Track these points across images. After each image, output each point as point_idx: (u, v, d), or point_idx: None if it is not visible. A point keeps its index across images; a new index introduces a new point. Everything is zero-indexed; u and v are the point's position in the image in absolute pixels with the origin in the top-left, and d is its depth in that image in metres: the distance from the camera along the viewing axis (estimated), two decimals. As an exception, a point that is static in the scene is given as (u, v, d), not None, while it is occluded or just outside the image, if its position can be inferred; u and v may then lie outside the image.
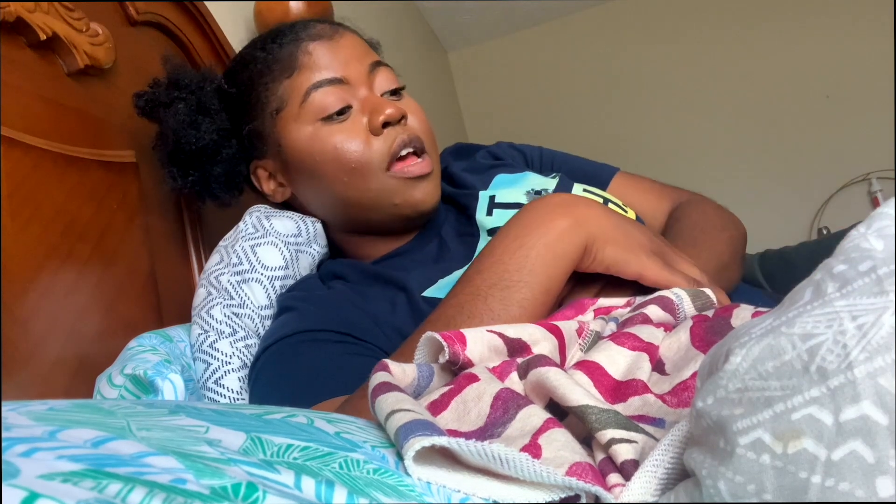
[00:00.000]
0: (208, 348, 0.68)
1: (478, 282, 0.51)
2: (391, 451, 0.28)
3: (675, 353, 0.39)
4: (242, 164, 0.83)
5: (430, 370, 0.38)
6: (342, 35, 0.78)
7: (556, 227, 0.51)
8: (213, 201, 0.85)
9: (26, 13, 0.68)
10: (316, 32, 0.78)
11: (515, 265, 0.50)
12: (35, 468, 0.17)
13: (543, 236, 0.51)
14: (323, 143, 0.74)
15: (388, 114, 0.73)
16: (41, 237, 0.64)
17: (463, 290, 0.51)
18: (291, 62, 0.76)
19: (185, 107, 0.79)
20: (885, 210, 0.23)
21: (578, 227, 0.52)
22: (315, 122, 0.75)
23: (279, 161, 0.79)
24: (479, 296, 0.50)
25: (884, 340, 0.19)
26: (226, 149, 0.81)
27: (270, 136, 0.78)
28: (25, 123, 0.66)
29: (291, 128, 0.76)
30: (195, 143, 0.78)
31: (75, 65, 0.74)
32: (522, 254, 0.51)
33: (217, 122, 0.80)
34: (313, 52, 0.76)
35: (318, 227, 0.80)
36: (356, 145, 0.73)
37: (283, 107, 0.76)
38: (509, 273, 0.50)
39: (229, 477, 0.20)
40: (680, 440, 0.26)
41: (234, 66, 0.83)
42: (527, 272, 0.50)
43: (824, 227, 2.43)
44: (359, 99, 0.76)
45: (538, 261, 0.51)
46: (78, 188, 0.71)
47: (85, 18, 0.76)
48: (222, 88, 0.82)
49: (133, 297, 0.75)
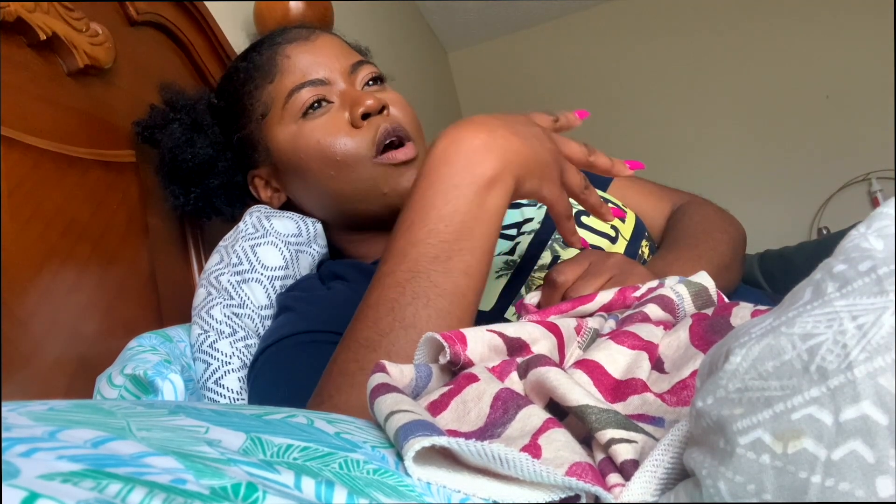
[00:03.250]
0: (208, 348, 0.68)
1: (414, 255, 0.47)
2: (391, 452, 0.28)
3: (674, 351, 0.39)
4: (239, 174, 0.84)
5: (428, 370, 0.38)
6: (318, 36, 0.80)
7: (483, 175, 0.48)
8: (216, 216, 0.87)
9: (26, 13, 0.68)
10: (293, 36, 0.79)
11: (452, 233, 0.47)
12: (35, 468, 0.17)
13: (475, 191, 0.48)
14: (306, 139, 0.75)
15: (368, 105, 0.74)
16: (41, 237, 0.64)
17: (399, 265, 0.47)
18: (272, 67, 0.77)
19: (179, 126, 0.81)
20: (885, 210, 0.23)
21: (506, 170, 0.49)
22: (297, 121, 0.76)
23: (270, 166, 0.81)
24: (421, 273, 0.47)
25: (884, 340, 0.19)
26: (221, 161, 0.82)
27: (260, 143, 0.80)
28: (25, 123, 0.66)
29: (277, 130, 0.77)
30: (192, 159, 0.80)
31: (75, 65, 0.74)
32: (458, 219, 0.47)
33: (211, 136, 0.82)
34: (292, 56, 0.77)
35: (319, 227, 0.81)
36: (339, 138, 0.74)
37: (267, 111, 0.78)
38: (448, 243, 0.47)
39: (229, 477, 0.20)
40: (680, 440, 0.26)
41: (222, 79, 0.85)
42: (466, 238, 0.47)
43: (824, 227, 2.43)
44: (338, 94, 0.76)
45: (475, 222, 0.48)
46: (78, 188, 0.71)
47: (85, 18, 0.76)
48: (213, 103, 0.84)
49: (133, 297, 0.75)
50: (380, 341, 0.45)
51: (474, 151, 0.49)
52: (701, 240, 0.72)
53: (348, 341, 0.48)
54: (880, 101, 2.37)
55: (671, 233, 0.78)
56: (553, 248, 0.72)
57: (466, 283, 0.47)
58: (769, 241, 1.35)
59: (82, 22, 0.76)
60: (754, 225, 0.97)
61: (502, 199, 0.49)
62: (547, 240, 0.73)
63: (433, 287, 0.46)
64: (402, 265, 0.47)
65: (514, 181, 0.50)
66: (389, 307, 0.46)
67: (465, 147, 0.49)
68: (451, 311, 0.46)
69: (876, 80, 2.42)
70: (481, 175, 0.48)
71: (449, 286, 0.47)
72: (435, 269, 0.47)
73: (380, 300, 0.47)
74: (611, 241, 0.73)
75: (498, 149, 0.49)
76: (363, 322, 0.47)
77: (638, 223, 0.77)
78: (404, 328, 0.45)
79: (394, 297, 0.47)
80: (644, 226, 0.78)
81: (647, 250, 0.75)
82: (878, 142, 2.36)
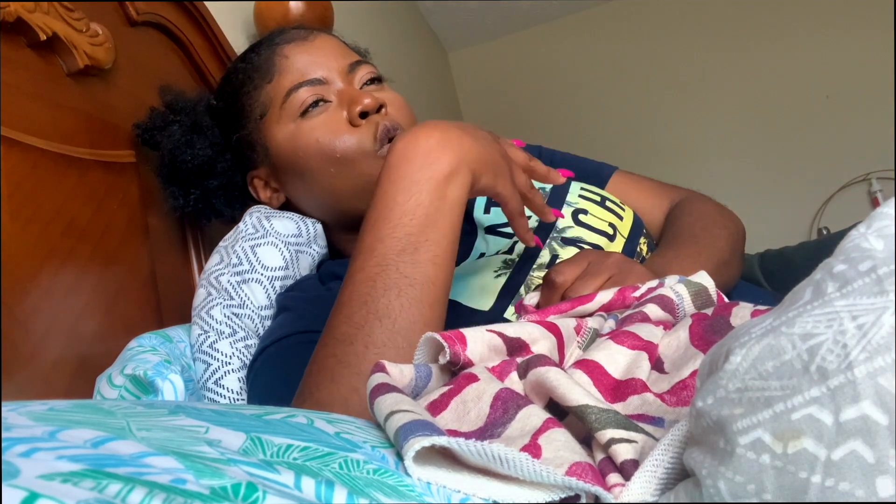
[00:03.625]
0: (208, 349, 0.68)
1: (382, 250, 0.49)
2: (391, 452, 0.28)
3: (674, 351, 0.39)
4: (238, 175, 0.84)
5: (427, 370, 0.38)
6: (317, 36, 0.80)
7: (441, 170, 0.51)
8: (216, 218, 0.87)
9: (26, 13, 0.68)
10: (291, 37, 0.80)
11: (417, 225, 0.49)
12: (35, 468, 0.17)
13: (435, 185, 0.50)
14: (305, 138, 0.75)
15: (366, 103, 0.74)
16: (41, 237, 0.64)
17: (368, 260, 0.49)
18: (270, 68, 0.77)
19: (179, 128, 0.81)
20: (885, 210, 0.23)
21: (461, 164, 0.52)
22: (296, 120, 0.76)
23: (269, 166, 0.81)
24: (390, 265, 0.48)
25: (884, 340, 0.19)
26: (221, 162, 0.82)
27: (259, 143, 0.80)
28: (25, 123, 0.66)
29: (275, 130, 0.77)
30: (191, 160, 0.80)
31: (75, 65, 0.74)
32: (421, 212, 0.50)
33: (210, 137, 0.82)
34: (290, 56, 0.77)
35: (319, 227, 0.81)
36: (339, 136, 0.74)
37: (265, 112, 0.78)
38: (414, 235, 0.49)
39: (229, 477, 0.20)
40: (680, 440, 0.26)
41: (222, 81, 0.85)
42: (430, 229, 0.50)
43: (824, 227, 2.43)
44: (336, 93, 0.77)
45: (438, 214, 0.50)
46: (78, 188, 0.71)
47: (85, 18, 0.76)
48: (212, 105, 0.84)
49: (133, 297, 0.75)
50: (356, 334, 0.47)
51: (431, 149, 0.51)
52: (700, 236, 0.72)
53: (326, 339, 0.49)
54: (880, 101, 2.37)
55: (670, 229, 0.78)
56: (551, 247, 0.72)
57: (435, 271, 0.49)
58: (769, 241, 1.35)
59: (82, 22, 0.76)
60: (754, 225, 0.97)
61: (461, 190, 0.52)
62: (545, 238, 0.73)
63: (403, 278, 0.48)
64: (370, 260, 0.49)
65: (471, 175, 0.52)
66: (362, 301, 0.48)
67: (422, 145, 0.52)
68: (422, 299, 0.48)
69: (876, 80, 2.42)
70: (439, 170, 0.51)
71: (418, 276, 0.48)
72: (403, 261, 0.48)
73: (352, 296, 0.49)
74: (609, 239, 0.73)
75: (453, 146, 0.52)
76: (338, 318, 0.49)
77: (636, 220, 0.77)
78: (378, 319, 0.47)
79: (366, 291, 0.48)
80: (642, 223, 0.78)
81: (645, 247, 0.76)
82: (878, 142, 2.36)
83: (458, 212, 0.52)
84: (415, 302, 0.47)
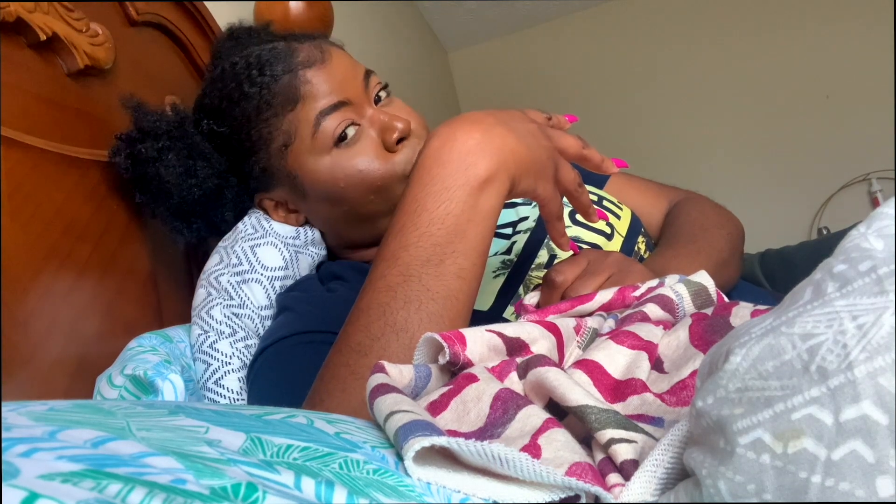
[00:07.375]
0: (208, 349, 0.68)
1: (406, 259, 0.46)
2: (391, 452, 0.28)
3: (673, 351, 0.39)
4: (246, 198, 0.81)
5: (427, 371, 0.38)
6: (332, 55, 0.76)
7: (478, 176, 0.47)
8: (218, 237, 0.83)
9: (26, 13, 0.68)
10: (307, 59, 0.75)
11: (445, 235, 0.46)
12: (35, 468, 0.17)
13: (468, 192, 0.47)
14: (345, 168, 0.73)
15: (401, 129, 0.73)
16: (41, 237, 0.64)
17: (391, 269, 0.47)
18: (293, 94, 0.73)
19: (175, 156, 0.74)
20: (885, 210, 0.23)
21: (500, 170, 0.48)
22: (332, 150, 0.73)
23: (292, 191, 0.77)
24: (413, 276, 0.46)
25: (884, 340, 0.19)
26: (228, 189, 0.79)
27: (280, 171, 0.76)
28: (25, 123, 0.66)
29: (307, 160, 0.74)
30: (198, 189, 0.75)
31: (75, 65, 0.74)
32: (450, 221, 0.46)
33: (214, 164, 0.77)
34: (312, 80, 0.73)
35: (317, 233, 0.81)
36: (379, 164, 0.73)
37: (291, 141, 0.74)
38: (440, 246, 0.46)
39: (229, 477, 0.20)
40: (680, 440, 0.26)
41: (218, 102, 0.77)
42: (458, 240, 0.47)
43: (824, 227, 2.43)
44: (366, 117, 0.75)
45: (468, 224, 0.47)
46: (78, 188, 0.71)
47: (85, 18, 0.76)
48: (213, 129, 0.77)
49: (133, 297, 0.75)
50: (371, 345, 0.45)
51: (469, 152, 0.48)
52: (699, 236, 0.72)
53: (340, 345, 0.47)
54: (880, 101, 2.36)
55: (669, 229, 0.78)
56: (549, 247, 0.72)
57: (459, 286, 0.47)
58: (769, 241, 1.35)
59: (82, 22, 0.76)
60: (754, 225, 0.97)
61: (496, 199, 0.48)
62: (543, 238, 0.73)
63: (425, 291, 0.45)
64: (393, 269, 0.47)
65: (510, 181, 0.49)
66: (381, 311, 0.46)
67: (459, 147, 0.48)
68: (442, 314, 0.46)
69: (876, 80, 2.41)
70: (475, 176, 0.47)
71: (441, 290, 0.46)
72: (427, 273, 0.46)
73: (371, 304, 0.47)
74: (606, 238, 0.73)
75: (493, 148, 0.48)
76: (354, 326, 0.47)
77: (634, 220, 0.78)
78: (395, 332, 0.45)
79: (385, 301, 0.46)
80: (640, 223, 0.79)
81: (643, 247, 0.76)
82: (878, 142, 2.36)
83: (490, 222, 0.48)
84: (435, 317, 0.45)
